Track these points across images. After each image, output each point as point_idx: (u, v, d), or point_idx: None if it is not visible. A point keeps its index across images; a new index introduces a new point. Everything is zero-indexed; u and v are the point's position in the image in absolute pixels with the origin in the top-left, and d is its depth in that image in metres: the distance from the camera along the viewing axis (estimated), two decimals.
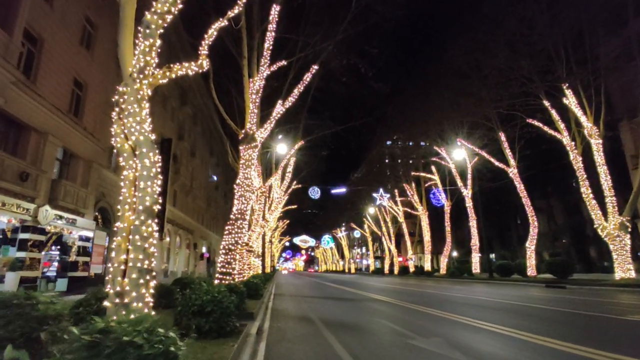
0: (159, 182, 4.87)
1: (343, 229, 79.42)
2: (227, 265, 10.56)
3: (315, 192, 38.06)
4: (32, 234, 12.27)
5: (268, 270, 41.15)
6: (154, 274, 4.47)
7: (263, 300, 12.62)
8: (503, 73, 22.72)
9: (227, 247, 10.76)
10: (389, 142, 62.35)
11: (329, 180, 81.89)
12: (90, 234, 16.43)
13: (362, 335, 6.52)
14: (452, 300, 12.72)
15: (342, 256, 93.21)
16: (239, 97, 15.74)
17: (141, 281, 4.19)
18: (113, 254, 4.35)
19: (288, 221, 58.36)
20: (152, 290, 4.40)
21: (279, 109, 12.78)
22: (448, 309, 9.81)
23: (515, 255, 44.81)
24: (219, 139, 45.65)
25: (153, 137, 5.10)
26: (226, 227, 11.02)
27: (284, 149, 22.26)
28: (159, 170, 4.89)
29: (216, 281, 10.30)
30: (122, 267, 4.23)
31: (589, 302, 11.33)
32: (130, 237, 4.31)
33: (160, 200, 4.71)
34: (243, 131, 12.17)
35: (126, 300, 4.06)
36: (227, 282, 10.19)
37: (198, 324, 5.54)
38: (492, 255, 29.84)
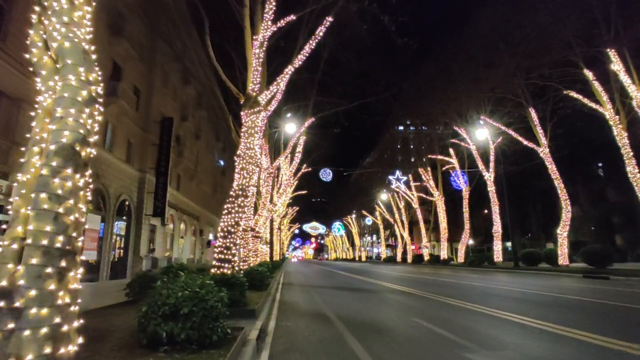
0: (97, 117, 3.09)
1: (354, 216, 77.61)
2: (225, 251, 8.83)
3: (327, 175, 36.27)
4: (5, 214, 10.74)
5: (277, 258, 39.88)
6: (79, 258, 2.72)
7: (269, 291, 10.98)
8: (537, 40, 20.15)
9: (225, 228, 9.02)
10: (401, 128, 59.84)
11: (341, 164, 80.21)
12: None
13: (398, 345, 4.75)
14: (488, 292, 10.88)
15: (353, 244, 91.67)
16: (243, 70, 13.90)
17: (49, 270, 2.43)
18: (4, 226, 2.63)
19: (298, 208, 56.97)
20: (76, 285, 2.66)
21: (289, 69, 10.91)
22: (491, 304, 7.96)
23: (535, 243, 42.52)
24: (225, 122, 43.82)
25: (91, 50, 3.30)
26: (225, 206, 9.26)
27: (293, 128, 20.44)
28: (97, 97, 3.10)
29: (213, 270, 8.61)
30: (16, 245, 2.48)
31: None
32: (33, 195, 2.55)
33: (92, 140, 2.93)
34: (245, 94, 10.33)
35: (17, 304, 2.31)
36: (226, 270, 8.49)
37: (170, 332, 3.82)
38: (511, 243, 28.03)
